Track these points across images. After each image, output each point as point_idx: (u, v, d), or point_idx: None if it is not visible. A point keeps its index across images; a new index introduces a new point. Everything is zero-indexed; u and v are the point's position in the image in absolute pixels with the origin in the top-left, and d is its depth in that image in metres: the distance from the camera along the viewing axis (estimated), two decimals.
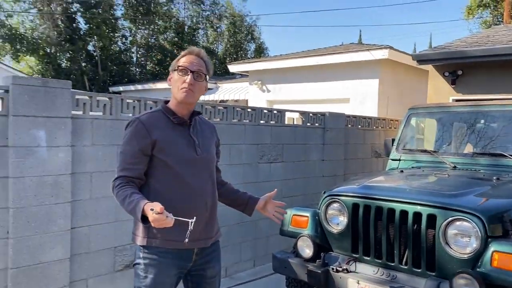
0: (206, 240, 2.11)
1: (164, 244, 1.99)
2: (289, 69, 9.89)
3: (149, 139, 1.98)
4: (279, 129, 5.27)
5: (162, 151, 1.99)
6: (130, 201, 1.88)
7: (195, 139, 2.09)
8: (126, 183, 1.96)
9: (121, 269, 3.76)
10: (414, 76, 8.89)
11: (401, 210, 2.84)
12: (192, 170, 2.04)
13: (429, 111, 4.51)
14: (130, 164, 1.99)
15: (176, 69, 2.04)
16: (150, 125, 2.01)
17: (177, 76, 2.03)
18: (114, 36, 23.17)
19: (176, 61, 2.07)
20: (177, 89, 2.03)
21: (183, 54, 2.08)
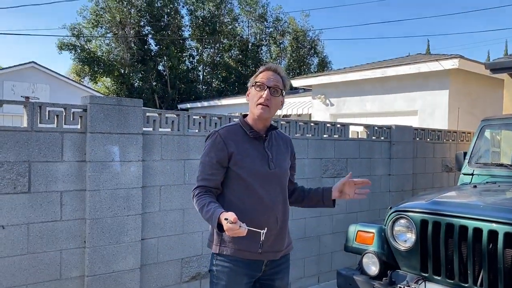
0: (276, 253, 2.16)
1: (235, 253, 2.07)
2: (353, 82, 9.75)
3: (226, 151, 2.09)
4: (342, 143, 5.19)
5: (237, 163, 2.08)
6: (207, 209, 1.98)
7: (269, 153, 2.16)
8: (204, 192, 2.07)
9: (188, 280, 3.87)
10: (487, 86, 8.39)
11: (474, 227, 2.67)
12: (264, 183, 2.11)
13: (505, 123, 4.22)
14: (209, 174, 2.10)
15: (254, 84, 2.13)
16: (227, 138, 2.11)
17: (254, 92, 2.12)
18: (182, 55, 24.24)
19: (254, 77, 2.16)
20: (254, 104, 2.11)
21: (261, 70, 2.16)
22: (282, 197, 2.19)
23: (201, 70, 25.63)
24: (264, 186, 2.10)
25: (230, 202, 2.08)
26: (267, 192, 2.11)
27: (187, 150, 3.84)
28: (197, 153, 3.89)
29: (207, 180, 2.10)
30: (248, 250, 2.05)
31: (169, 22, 22.67)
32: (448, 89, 8.14)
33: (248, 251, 2.06)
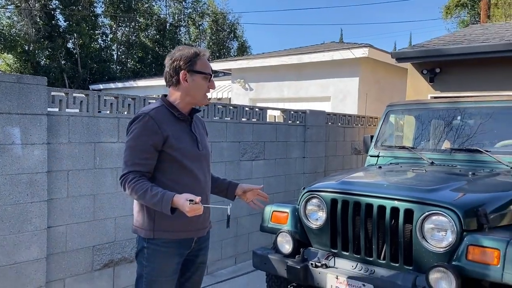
0: (204, 229, 2.28)
1: (171, 236, 2.12)
2: (271, 68, 9.90)
3: (161, 135, 2.07)
4: (260, 127, 5.27)
5: (172, 146, 2.08)
6: (153, 194, 1.98)
7: (196, 135, 2.22)
8: (140, 177, 2.04)
9: (100, 268, 3.71)
10: (394, 74, 9.00)
11: (379, 205, 2.87)
12: (196, 164, 2.17)
13: (407, 108, 4.57)
14: (142, 159, 2.06)
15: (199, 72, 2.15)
16: (159, 120, 2.09)
17: (201, 82, 2.16)
18: (94, 33, 22.82)
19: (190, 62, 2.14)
20: (202, 93, 2.18)
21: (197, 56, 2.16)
22: (209, 176, 2.31)
23: (115, 50, 24.38)
24: (197, 167, 2.17)
25: (163, 184, 2.07)
26: (200, 172, 2.18)
27: (98, 133, 3.63)
28: (109, 136, 3.70)
29: (141, 165, 2.06)
30: (184, 230, 2.14)
31: None
32: (358, 77, 8.60)
33: (183, 231, 2.14)
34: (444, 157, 3.96)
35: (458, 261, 2.56)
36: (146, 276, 2.14)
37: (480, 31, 7.66)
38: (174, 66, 2.14)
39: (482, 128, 4.02)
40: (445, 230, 2.67)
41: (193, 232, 2.20)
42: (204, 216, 2.20)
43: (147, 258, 2.13)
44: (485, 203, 2.82)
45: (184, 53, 2.15)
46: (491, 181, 3.28)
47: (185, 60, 2.13)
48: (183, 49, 2.18)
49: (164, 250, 2.13)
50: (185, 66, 2.13)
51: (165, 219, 2.08)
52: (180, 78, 2.15)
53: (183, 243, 2.18)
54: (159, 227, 2.11)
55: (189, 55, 2.14)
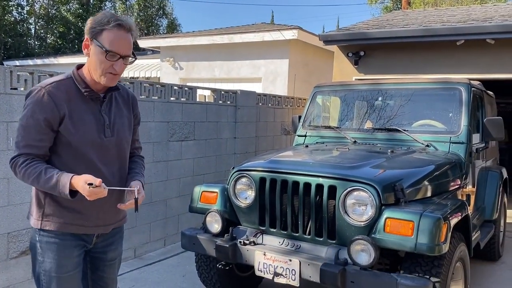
0: (107, 226, 1.99)
1: (61, 228, 1.85)
2: (202, 46, 9.73)
3: (57, 113, 1.78)
4: (190, 107, 5.17)
5: (67, 128, 1.80)
6: (48, 177, 1.74)
7: (106, 118, 1.90)
8: (32, 159, 1.78)
9: (16, 256, 3.48)
10: (322, 57, 9.25)
11: (304, 182, 2.95)
12: (99, 153, 1.88)
13: (333, 89, 4.71)
14: (35, 140, 1.78)
15: (101, 47, 1.77)
16: (57, 97, 1.79)
17: (102, 58, 1.78)
18: (8, 4, 20.95)
19: (98, 29, 1.77)
20: (101, 71, 1.80)
21: (110, 23, 1.77)
22: (118, 166, 1.97)
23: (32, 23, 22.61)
24: (100, 156, 1.88)
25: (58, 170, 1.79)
26: (103, 163, 1.89)
27: (10, 111, 3.36)
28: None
29: (33, 147, 1.79)
30: (75, 224, 1.87)
31: None
32: (288, 59, 8.73)
33: (75, 225, 1.87)
34: (366, 136, 4.16)
35: (377, 233, 2.71)
36: (44, 273, 1.86)
37: (401, 17, 8.07)
38: (86, 31, 1.82)
39: (401, 109, 4.25)
40: (365, 205, 2.81)
41: (90, 228, 1.91)
42: (109, 211, 1.94)
43: (42, 253, 1.86)
44: (402, 179, 3.00)
45: (100, 16, 1.81)
46: (408, 158, 3.50)
47: (92, 24, 1.79)
48: (104, 12, 1.84)
49: (59, 242, 1.86)
50: (89, 31, 1.79)
51: (53, 207, 1.84)
52: (83, 44, 1.84)
53: (81, 236, 1.92)
54: (47, 216, 1.85)
55: (98, 20, 1.78)
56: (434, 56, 6.44)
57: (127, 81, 4.41)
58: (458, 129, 3.79)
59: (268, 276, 2.92)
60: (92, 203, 1.81)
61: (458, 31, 5.98)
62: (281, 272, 2.86)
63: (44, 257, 1.86)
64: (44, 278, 1.87)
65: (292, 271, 2.82)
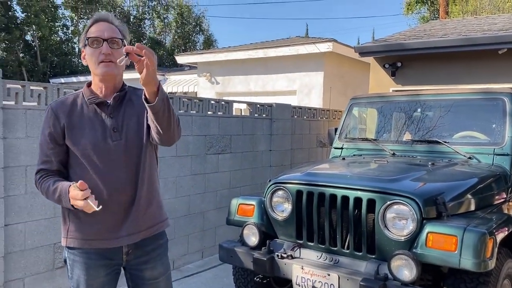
0: (134, 235, 1.86)
1: (84, 245, 1.83)
2: (237, 61, 9.88)
3: (58, 125, 1.81)
4: (226, 120, 5.25)
5: (69, 138, 1.81)
6: (54, 188, 1.77)
7: (111, 123, 1.83)
8: (46, 175, 1.84)
9: (62, 266, 3.61)
10: (357, 69, 9.17)
11: (342, 195, 2.92)
12: (104, 158, 1.80)
13: (370, 101, 4.66)
14: (46, 156, 1.84)
15: (87, 43, 1.80)
16: (60, 110, 1.83)
17: (91, 50, 1.80)
18: (54, 25, 22.07)
19: (85, 33, 1.83)
20: (95, 64, 1.80)
21: (90, 24, 1.84)
22: (134, 171, 1.85)
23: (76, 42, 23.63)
24: (107, 161, 1.80)
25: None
26: (111, 169, 1.81)
27: None
28: None
29: (47, 162, 1.84)
30: (96, 239, 1.81)
31: None
32: (323, 71, 8.71)
33: (95, 240, 1.82)
34: (405, 148, 4.08)
35: (418, 248, 2.64)
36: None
37: (439, 27, 7.90)
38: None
39: (441, 120, 4.15)
40: (406, 219, 2.75)
41: (111, 241, 1.82)
42: (129, 219, 1.85)
43: (70, 270, 1.87)
44: (443, 192, 2.92)
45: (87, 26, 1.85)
46: (449, 171, 3.40)
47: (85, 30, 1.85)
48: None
49: (84, 261, 1.82)
50: (82, 42, 1.85)
51: (75, 223, 1.82)
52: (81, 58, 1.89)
53: (106, 253, 1.84)
54: (71, 233, 1.83)
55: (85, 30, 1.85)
56: (475, 66, 6.25)
57: None
58: (502, 141, 3.65)
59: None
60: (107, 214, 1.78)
61: (500, 39, 5.79)
62: (319, 286, 2.83)
63: (73, 274, 1.86)
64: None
65: (330, 285, 2.79)
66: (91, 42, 1.80)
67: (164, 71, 14.92)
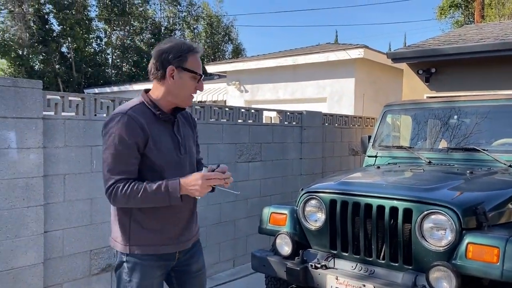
0: (188, 242, 2.07)
1: (147, 251, 1.94)
2: (266, 69, 9.91)
3: (143, 135, 1.84)
4: (257, 128, 5.26)
5: (152, 149, 1.87)
6: (155, 188, 1.81)
7: (179, 137, 1.99)
8: (130, 182, 1.82)
9: (97, 272, 3.68)
10: (389, 75, 9.03)
11: (378, 205, 2.86)
12: (177, 171, 1.93)
13: (404, 108, 4.57)
14: (128, 165, 1.84)
15: (187, 69, 1.91)
16: (140, 120, 1.85)
17: (189, 81, 1.93)
18: (89, 37, 22.78)
19: (180, 57, 1.90)
20: (187, 94, 1.95)
21: (187, 51, 1.91)
22: None
23: (110, 54, 24.33)
24: (178, 174, 1.90)
25: None
26: None
27: (95, 136, 3.61)
28: None
29: (127, 172, 1.83)
30: (159, 244, 1.95)
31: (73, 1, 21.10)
32: (354, 77, 8.62)
33: (158, 245, 1.95)
34: (441, 156, 3.97)
35: (458, 259, 2.55)
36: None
37: (475, 31, 7.70)
38: (162, 59, 1.89)
39: (479, 127, 4.03)
40: (444, 229, 2.67)
41: (173, 246, 2.00)
42: (187, 228, 2.04)
43: (129, 273, 1.94)
44: (483, 202, 2.82)
45: (175, 46, 1.90)
46: (489, 179, 3.29)
47: (175, 54, 1.88)
48: (174, 41, 1.93)
49: (145, 263, 1.94)
50: (174, 61, 1.89)
51: (140, 233, 1.92)
52: (166, 73, 1.90)
53: (164, 255, 2.00)
54: (134, 241, 1.92)
55: (180, 49, 1.89)
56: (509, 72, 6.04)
57: (198, 106, 4.59)
58: None
59: None
60: (170, 221, 1.94)
61: None
62: None
63: (131, 277, 1.94)
64: None
65: None
66: (192, 76, 1.94)
67: None
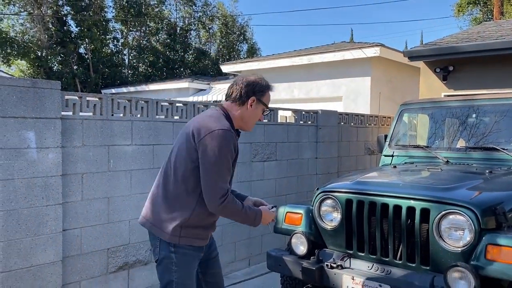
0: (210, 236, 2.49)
1: (195, 243, 2.25)
2: (281, 69, 9.89)
3: (235, 152, 2.22)
4: (272, 128, 5.25)
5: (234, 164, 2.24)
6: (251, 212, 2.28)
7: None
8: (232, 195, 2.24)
9: (115, 270, 3.72)
10: (406, 74, 8.92)
11: (394, 205, 2.83)
12: None
13: (421, 107, 4.51)
14: (229, 177, 2.22)
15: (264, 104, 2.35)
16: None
17: (259, 112, 2.36)
18: (106, 38, 23.03)
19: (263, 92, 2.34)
20: (253, 122, 2.38)
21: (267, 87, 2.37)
22: None
23: (126, 54, 24.56)
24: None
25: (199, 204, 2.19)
26: None
27: (112, 136, 3.65)
28: (122, 138, 3.72)
29: (228, 183, 2.20)
30: (204, 238, 2.31)
31: (91, 2, 21.37)
32: (370, 76, 8.54)
33: (203, 239, 2.31)
34: (459, 155, 3.91)
35: (476, 260, 2.51)
36: (177, 280, 2.22)
37: (494, 28, 7.55)
38: (248, 90, 2.30)
39: (498, 126, 3.96)
40: (462, 229, 2.63)
41: (207, 240, 2.39)
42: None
43: (176, 263, 2.21)
44: (503, 202, 2.77)
45: (260, 81, 2.35)
46: (509, 179, 3.22)
47: (259, 88, 2.33)
48: (258, 77, 2.38)
49: (190, 253, 2.25)
50: (257, 93, 2.32)
51: (193, 228, 2.23)
52: (248, 101, 2.30)
53: (201, 248, 2.33)
54: (186, 234, 2.21)
55: (263, 85, 2.35)
56: None
57: (213, 105, 4.61)
58: None
59: None
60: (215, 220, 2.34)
61: None
62: None
63: (179, 267, 2.22)
64: (176, 285, 2.22)
65: None
66: (265, 110, 2.40)
67: (209, 80, 15.19)
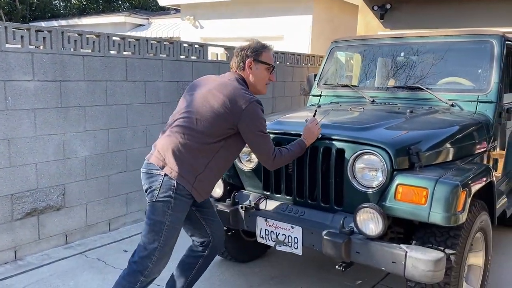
0: None
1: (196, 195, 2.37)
2: (222, 4, 9.36)
3: None
4: (201, 65, 4.95)
5: None
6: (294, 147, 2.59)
7: None
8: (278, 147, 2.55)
9: (21, 217, 3.46)
10: (347, 12, 8.72)
11: (311, 145, 2.72)
12: None
13: (352, 44, 4.36)
14: None
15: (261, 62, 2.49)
16: None
17: (265, 73, 2.52)
18: None
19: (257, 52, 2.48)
20: (263, 83, 2.55)
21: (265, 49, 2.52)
22: None
23: None
24: None
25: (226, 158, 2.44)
26: None
27: (8, 70, 3.24)
28: (21, 73, 3.31)
29: None
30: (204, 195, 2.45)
31: None
32: (311, 15, 8.27)
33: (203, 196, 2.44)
34: (386, 95, 3.84)
35: (387, 201, 2.47)
36: (169, 223, 2.31)
37: None
38: (243, 55, 2.47)
39: (426, 65, 3.89)
40: (376, 170, 2.57)
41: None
42: None
43: (173, 208, 2.30)
44: (419, 141, 2.72)
45: (252, 44, 2.49)
46: (428, 118, 3.19)
47: (252, 49, 2.47)
48: (252, 42, 2.51)
49: (186, 200, 2.35)
50: (251, 55, 2.46)
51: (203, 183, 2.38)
52: (245, 64, 2.45)
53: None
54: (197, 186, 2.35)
55: (256, 46, 2.49)
56: (468, 10, 5.89)
57: (132, 38, 4.21)
58: (488, 87, 3.43)
59: (270, 243, 2.77)
60: None
61: None
62: (283, 239, 2.70)
63: (174, 211, 2.31)
64: (167, 228, 2.31)
65: (294, 239, 2.66)
66: (267, 68, 2.54)
67: (149, 15, 14.26)
